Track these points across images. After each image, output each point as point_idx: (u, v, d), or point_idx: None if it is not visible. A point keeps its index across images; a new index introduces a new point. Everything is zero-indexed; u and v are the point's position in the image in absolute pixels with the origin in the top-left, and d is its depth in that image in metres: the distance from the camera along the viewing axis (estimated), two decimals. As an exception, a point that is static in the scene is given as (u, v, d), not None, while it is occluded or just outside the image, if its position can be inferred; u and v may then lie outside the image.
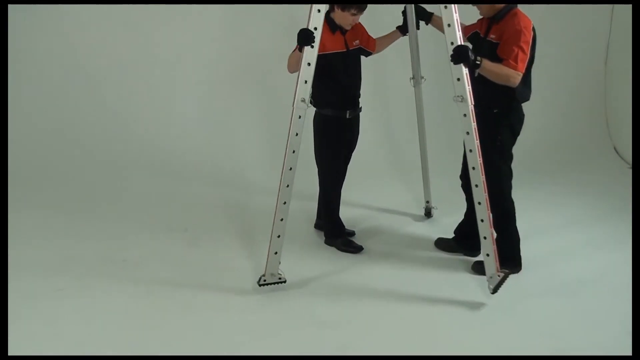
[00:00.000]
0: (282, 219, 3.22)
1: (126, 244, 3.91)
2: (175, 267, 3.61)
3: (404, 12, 3.77)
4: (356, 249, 3.84)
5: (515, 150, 3.48)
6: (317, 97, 3.58)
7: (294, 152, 3.15)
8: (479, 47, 3.35)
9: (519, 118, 3.42)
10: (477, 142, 3.07)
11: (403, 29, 3.80)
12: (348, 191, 4.01)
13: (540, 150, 5.48)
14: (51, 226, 4.18)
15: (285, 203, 3.20)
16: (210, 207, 4.58)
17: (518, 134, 3.46)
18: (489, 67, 3.13)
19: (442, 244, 3.91)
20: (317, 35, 3.05)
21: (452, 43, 3.03)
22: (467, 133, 3.10)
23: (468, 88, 3.03)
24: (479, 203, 3.14)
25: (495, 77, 3.19)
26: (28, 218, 4.26)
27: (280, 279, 3.30)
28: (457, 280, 3.49)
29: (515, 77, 3.15)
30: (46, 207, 4.49)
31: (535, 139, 5.39)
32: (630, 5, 4.93)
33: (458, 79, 3.05)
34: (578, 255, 3.79)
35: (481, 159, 3.10)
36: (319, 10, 3.04)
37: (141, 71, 5.43)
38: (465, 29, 3.51)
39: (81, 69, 5.38)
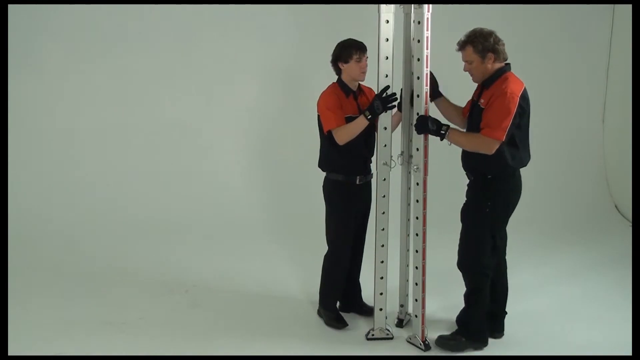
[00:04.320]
0: (382, 277, 3.37)
1: (126, 307, 3.88)
2: (176, 328, 3.61)
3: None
4: (341, 325, 3.58)
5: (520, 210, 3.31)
6: (326, 161, 3.47)
7: (383, 213, 3.30)
8: (472, 114, 3.26)
9: (515, 185, 3.23)
10: (424, 212, 3.22)
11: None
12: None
13: (540, 210, 5.38)
14: (50, 289, 4.14)
15: (382, 262, 3.35)
16: (210, 268, 4.50)
17: (514, 205, 3.26)
18: (456, 137, 3.15)
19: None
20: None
21: (417, 113, 3.16)
22: (417, 201, 3.25)
23: (424, 160, 3.19)
24: (416, 251, 3.30)
25: (467, 146, 3.19)
26: (27, 281, 4.22)
27: (387, 334, 3.43)
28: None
29: (490, 145, 3.05)
30: (45, 270, 4.43)
31: (535, 198, 5.29)
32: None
33: (417, 149, 3.22)
34: (579, 313, 3.80)
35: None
36: (386, 75, 3.18)
37: (142, 136, 5.41)
38: (467, 104, 3.40)
39: (82, 131, 5.37)
